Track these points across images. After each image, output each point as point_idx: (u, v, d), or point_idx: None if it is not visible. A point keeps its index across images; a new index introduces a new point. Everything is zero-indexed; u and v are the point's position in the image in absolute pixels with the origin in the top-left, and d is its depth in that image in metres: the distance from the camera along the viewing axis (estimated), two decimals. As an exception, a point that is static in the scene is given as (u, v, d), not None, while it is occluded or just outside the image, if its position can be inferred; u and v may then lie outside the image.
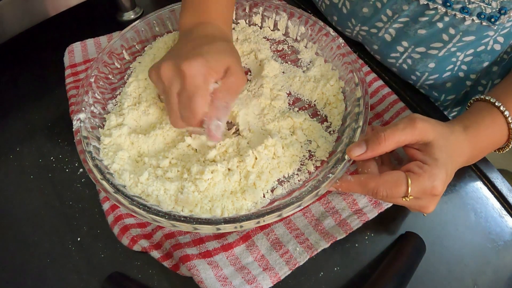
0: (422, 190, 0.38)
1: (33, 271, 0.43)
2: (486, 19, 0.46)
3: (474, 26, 0.47)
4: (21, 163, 0.51)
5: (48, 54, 0.63)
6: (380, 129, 0.39)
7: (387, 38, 0.55)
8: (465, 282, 0.42)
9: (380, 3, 0.53)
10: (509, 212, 0.46)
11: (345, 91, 0.51)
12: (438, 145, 0.38)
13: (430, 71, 0.54)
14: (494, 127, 0.41)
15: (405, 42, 0.53)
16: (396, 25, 0.53)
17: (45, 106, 0.57)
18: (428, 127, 0.39)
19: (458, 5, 0.46)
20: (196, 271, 0.39)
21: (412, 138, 0.39)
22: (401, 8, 0.51)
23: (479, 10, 0.45)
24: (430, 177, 0.37)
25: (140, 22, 0.57)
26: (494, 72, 0.54)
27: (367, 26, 0.56)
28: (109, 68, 0.54)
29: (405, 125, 0.39)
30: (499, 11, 0.45)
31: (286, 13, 0.58)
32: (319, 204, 0.45)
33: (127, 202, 0.40)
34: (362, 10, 0.55)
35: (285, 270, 0.41)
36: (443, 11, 0.48)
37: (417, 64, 0.54)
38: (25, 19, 0.59)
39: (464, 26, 0.47)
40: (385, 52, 0.57)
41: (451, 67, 0.53)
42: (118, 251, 0.43)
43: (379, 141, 0.39)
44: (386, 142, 0.38)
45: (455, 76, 0.54)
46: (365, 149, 0.39)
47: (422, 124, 0.38)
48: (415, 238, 0.43)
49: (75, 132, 0.45)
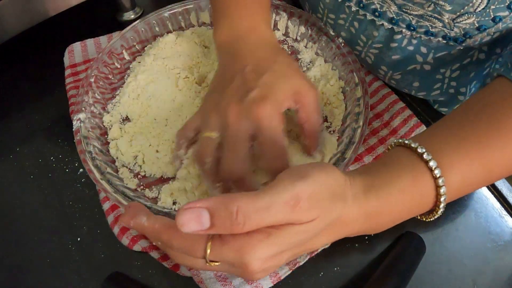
0: (226, 260, 0.29)
1: (33, 271, 0.43)
2: (452, 40, 0.46)
3: (442, 44, 0.47)
4: (21, 163, 0.51)
5: (48, 54, 0.63)
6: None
7: (368, 61, 0.55)
8: (465, 282, 0.42)
9: (354, 28, 0.53)
10: (509, 212, 0.46)
11: (345, 91, 0.51)
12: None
13: (416, 89, 0.54)
14: (413, 189, 0.33)
15: (384, 66, 0.53)
16: (372, 51, 0.53)
17: (45, 106, 0.57)
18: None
19: (421, 29, 0.46)
20: (196, 271, 0.39)
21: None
22: (372, 34, 0.51)
23: (443, 34, 0.45)
24: (238, 250, 0.28)
25: (140, 22, 0.57)
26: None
27: (350, 47, 0.56)
28: (109, 68, 0.54)
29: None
30: (464, 35, 0.45)
31: (286, 13, 0.58)
32: (319, 204, 0.45)
33: (127, 202, 0.40)
34: (341, 33, 0.55)
35: (285, 270, 0.41)
36: (409, 35, 0.47)
37: (401, 83, 0.54)
38: (25, 19, 0.59)
39: (433, 44, 0.47)
40: (372, 73, 0.57)
41: (439, 85, 0.52)
42: (118, 251, 0.43)
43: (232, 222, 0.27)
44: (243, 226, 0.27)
45: (446, 93, 0.54)
46: (208, 226, 0.27)
47: None
48: (415, 238, 0.43)
49: (75, 132, 0.45)
